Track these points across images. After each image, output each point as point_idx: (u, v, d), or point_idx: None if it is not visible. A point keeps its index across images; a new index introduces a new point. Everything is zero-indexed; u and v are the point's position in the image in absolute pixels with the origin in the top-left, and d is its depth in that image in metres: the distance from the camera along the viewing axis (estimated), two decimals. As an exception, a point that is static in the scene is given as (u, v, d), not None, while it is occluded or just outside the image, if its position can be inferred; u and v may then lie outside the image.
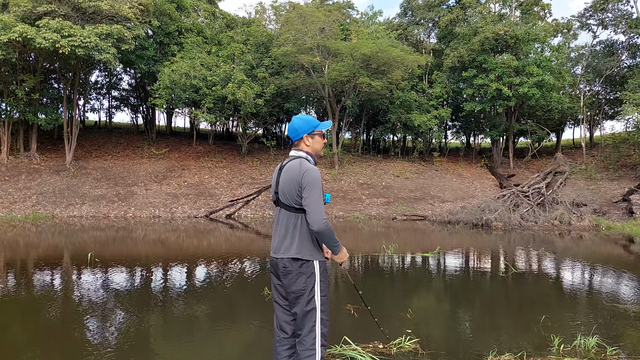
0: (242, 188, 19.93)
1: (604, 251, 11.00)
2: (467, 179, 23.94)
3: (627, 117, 21.54)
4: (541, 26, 26.02)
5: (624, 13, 27.36)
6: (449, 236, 13.61)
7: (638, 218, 15.85)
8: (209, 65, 21.82)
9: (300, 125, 2.79)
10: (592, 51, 28.98)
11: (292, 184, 2.62)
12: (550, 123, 28.74)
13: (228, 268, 8.14)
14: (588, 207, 17.73)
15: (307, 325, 2.63)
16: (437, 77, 26.49)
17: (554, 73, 24.46)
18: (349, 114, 25.34)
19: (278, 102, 24.01)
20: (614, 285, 7.20)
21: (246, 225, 15.39)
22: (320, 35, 21.33)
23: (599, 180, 21.51)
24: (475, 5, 25.95)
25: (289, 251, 2.65)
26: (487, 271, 8.33)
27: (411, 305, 5.69)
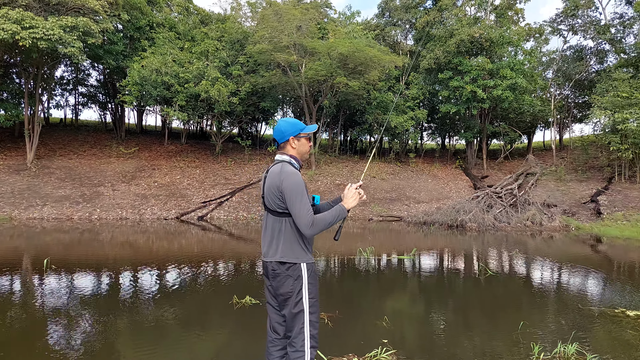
0: (215, 189, 19.43)
1: (575, 252, 11.08)
2: (442, 179, 24.05)
3: (595, 120, 22.03)
4: (515, 30, 26.44)
5: (593, 19, 28.08)
6: (425, 237, 13.52)
7: (606, 218, 16.14)
8: (182, 61, 21.21)
9: (286, 127, 2.79)
10: (563, 56, 29.65)
11: (273, 189, 2.65)
12: (522, 125, 29.27)
13: (199, 272, 7.77)
14: (558, 207, 17.98)
15: (296, 327, 2.66)
16: (414, 78, 26.56)
17: (526, 76, 24.87)
18: (326, 114, 25.12)
19: (253, 100, 23.57)
20: (588, 287, 7.17)
21: (219, 227, 14.95)
22: (297, 33, 21.02)
23: (569, 182, 21.90)
24: (452, 7, 26.14)
25: (275, 254, 2.68)
26: (464, 274, 8.20)
27: (387, 313, 5.46)
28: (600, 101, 20.34)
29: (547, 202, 18.20)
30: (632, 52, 24.36)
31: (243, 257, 9.49)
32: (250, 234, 13.57)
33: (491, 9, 26.95)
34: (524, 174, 23.06)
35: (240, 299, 5.91)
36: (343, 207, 2.76)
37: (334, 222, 2.67)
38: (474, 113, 26.82)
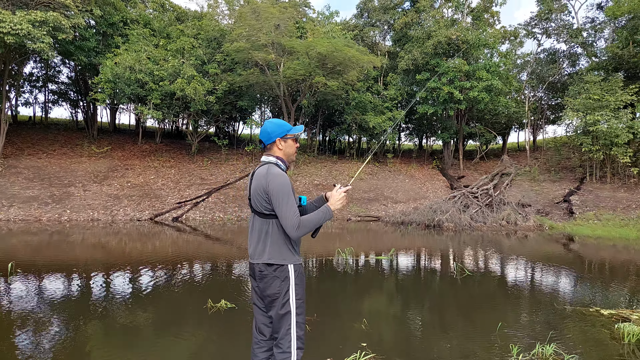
0: (191, 189, 19.06)
1: (548, 251, 11.25)
2: (419, 180, 24.22)
3: (567, 122, 22.54)
4: (490, 32, 26.83)
5: (566, 23, 28.76)
6: (402, 237, 13.54)
7: (578, 218, 16.50)
8: (157, 59, 20.74)
9: (273, 128, 2.79)
10: (537, 59, 30.28)
11: (260, 191, 2.64)
12: (497, 126, 29.79)
13: (174, 274, 7.54)
14: (532, 207, 18.30)
15: (282, 328, 2.65)
16: (392, 79, 26.68)
17: (501, 78, 25.28)
18: (304, 114, 24.98)
19: (231, 99, 23.24)
20: (563, 286, 7.24)
21: (195, 228, 14.64)
22: (275, 32, 20.81)
23: (542, 182, 22.34)
24: (429, 9, 26.35)
25: (262, 256, 2.68)
26: (441, 274, 8.20)
27: (366, 315, 5.38)
28: (572, 103, 20.81)
29: (521, 201, 18.51)
30: (603, 56, 25.03)
31: (219, 259, 9.28)
32: (226, 235, 13.33)
33: (468, 12, 27.29)
34: (499, 174, 23.43)
35: (215, 303, 5.73)
36: (329, 208, 2.73)
37: (320, 223, 2.66)
38: (451, 114, 27.12)
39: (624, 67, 22.50)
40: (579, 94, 21.19)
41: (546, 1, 28.38)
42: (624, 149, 18.54)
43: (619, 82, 19.82)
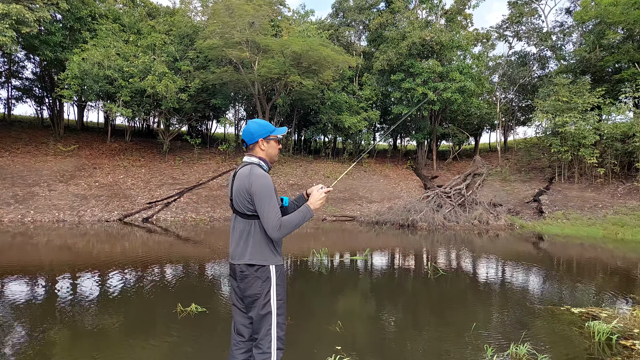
0: (162, 189, 18.59)
1: (520, 250, 11.43)
2: (393, 179, 24.35)
3: (537, 123, 23.08)
4: (463, 35, 27.23)
5: (536, 27, 29.49)
6: (377, 237, 13.53)
7: (547, 217, 16.86)
8: (126, 55, 20.15)
9: (256, 129, 2.78)
10: (508, 61, 30.93)
11: (242, 191, 2.63)
12: (470, 127, 30.28)
13: (143, 277, 7.27)
14: (503, 207, 18.62)
15: (263, 329, 2.63)
16: (367, 79, 26.75)
17: (474, 80, 25.68)
18: (279, 113, 24.77)
19: (204, 97, 22.82)
20: (534, 285, 7.33)
21: (166, 229, 14.25)
22: (250, 29, 20.53)
23: (513, 182, 22.78)
24: (404, 10, 26.53)
25: (243, 257, 2.67)
26: (416, 274, 8.18)
27: (341, 317, 5.27)
28: (542, 105, 21.29)
29: (493, 201, 18.82)
30: (571, 59, 25.76)
31: (191, 260, 9.02)
32: (198, 236, 13.03)
33: (441, 13, 27.62)
34: (472, 174, 23.78)
35: (186, 307, 5.52)
36: (309, 208, 2.73)
37: (300, 223, 2.66)
38: (425, 115, 27.39)
39: (591, 70, 23.19)
40: (549, 96, 21.71)
41: (517, 5, 29.03)
42: (591, 149, 19.08)
43: (587, 85, 20.40)
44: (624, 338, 4.59)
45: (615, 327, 4.83)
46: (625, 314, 5.40)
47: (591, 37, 23.21)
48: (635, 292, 6.88)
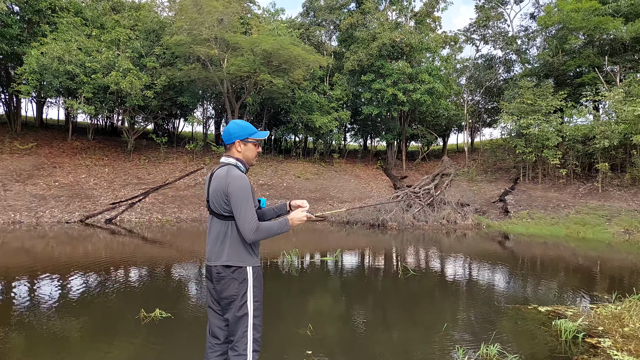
0: (126, 189, 17.98)
1: (487, 249, 11.62)
2: (364, 179, 24.43)
3: (502, 125, 23.65)
4: (432, 37, 27.62)
5: (502, 31, 30.23)
6: (347, 237, 13.49)
7: (513, 217, 17.26)
8: (89, 50, 19.37)
9: (235, 130, 2.78)
10: (475, 64, 31.59)
11: (219, 192, 2.63)
12: (438, 128, 30.77)
13: (106, 281, 6.93)
14: (471, 206, 18.95)
15: (239, 331, 2.62)
16: (338, 79, 26.75)
17: (442, 81, 26.08)
18: (249, 112, 24.41)
19: (170, 95, 22.23)
20: (502, 284, 7.42)
21: (130, 230, 13.77)
22: (219, 26, 20.12)
23: (479, 182, 23.27)
24: (374, 11, 26.66)
25: (220, 258, 2.66)
26: (386, 275, 8.15)
27: (312, 320, 5.14)
28: (507, 107, 21.82)
29: (460, 201, 19.13)
30: (535, 63, 26.54)
31: (156, 263, 8.69)
32: (165, 237, 12.64)
33: (411, 16, 27.92)
34: (440, 174, 24.14)
35: (150, 312, 5.27)
36: (287, 222, 2.76)
37: (276, 233, 2.69)
38: (395, 115, 27.63)
39: (554, 74, 23.95)
40: (514, 99, 22.26)
41: (484, 9, 29.68)
42: (554, 151, 19.67)
43: (550, 88, 21.04)
44: (590, 336, 4.66)
45: (581, 325, 4.90)
46: (589, 312, 5.49)
47: (554, 41, 23.97)
48: (597, 289, 7.05)
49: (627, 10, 21.12)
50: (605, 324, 4.99)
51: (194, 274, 7.83)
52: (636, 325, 4.86)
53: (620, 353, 4.14)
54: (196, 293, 6.57)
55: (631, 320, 5.01)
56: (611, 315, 5.28)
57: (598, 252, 11.33)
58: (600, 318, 5.21)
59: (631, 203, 16.15)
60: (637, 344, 4.37)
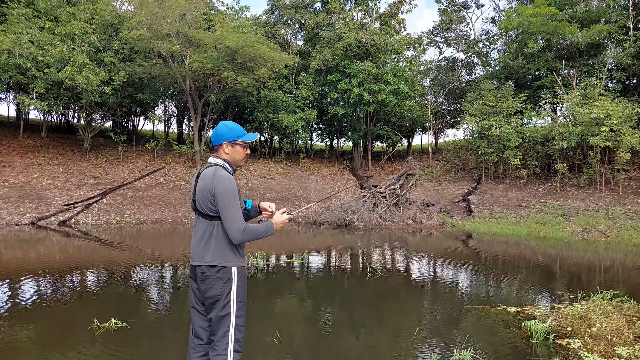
0: (83, 189, 17.12)
1: (452, 248, 11.72)
2: (330, 179, 24.34)
3: (465, 126, 24.15)
4: (397, 38, 27.86)
5: (464, 34, 30.90)
6: (314, 238, 13.31)
7: (476, 216, 17.60)
8: (42, 43, 18.34)
9: (223, 131, 2.79)
10: (438, 66, 32.14)
11: (206, 192, 2.63)
12: (403, 129, 31.14)
13: (58, 288, 6.45)
14: (435, 206, 19.20)
15: (220, 330, 2.62)
16: (304, 78, 26.54)
17: (407, 83, 26.35)
18: (213, 110, 23.82)
19: (130, 92, 21.38)
20: (470, 284, 7.42)
21: (86, 233, 13.06)
22: (181, 22, 19.49)
23: (443, 182, 23.65)
24: (340, 11, 26.63)
25: (205, 258, 2.66)
26: (355, 277, 8.01)
27: (279, 327, 4.90)
28: (470, 109, 22.26)
29: (425, 201, 19.34)
30: (496, 66, 27.24)
31: (113, 267, 8.20)
32: (123, 240, 12.06)
33: (376, 17, 28.08)
34: (405, 174, 24.29)
35: (104, 322, 4.89)
36: (272, 226, 2.82)
37: (261, 236, 2.74)
38: (361, 116, 27.71)
39: (514, 76, 24.65)
40: (476, 100, 22.74)
41: (447, 12, 30.23)
42: (514, 152, 20.20)
43: (510, 91, 21.61)
44: (560, 337, 4.65)
45: (550, 326, 4.89)
46: (557, 312, 5.52)
47: (514, 45, 24.66)
48: (561, 288, 7.16)
49: (582, 17, 22.00)
50: (573, 325, 5.00)
51: (155, 279, 7.43)
52: (603, 325, 4.90)
53: (591, 355, 4.13)
54: (156, 300, 6.19)
55: (597, 320, 5.05)
56: (578, 315, 5.31)
57: (558, 251, 11.64)
58: (568, 318, 5.23)
59: (588, 202, 16.77)
60: (606, 345, 4.38)
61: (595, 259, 10.43)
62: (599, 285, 7.06)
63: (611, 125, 16.38)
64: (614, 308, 5.61)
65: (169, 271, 8.22)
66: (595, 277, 8.20)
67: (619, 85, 20.52)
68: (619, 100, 18.15)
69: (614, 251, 11.59)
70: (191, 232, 14.04)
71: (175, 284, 7.20)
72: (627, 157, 16.46)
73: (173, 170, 20.74)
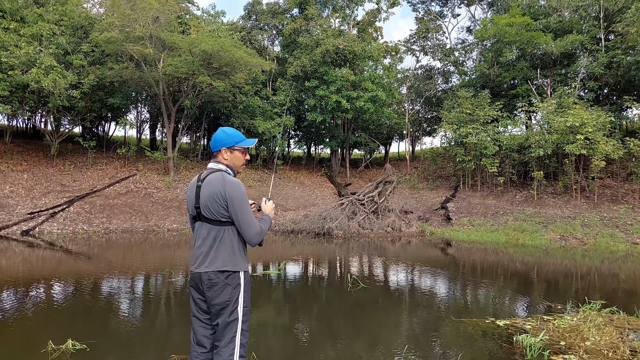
0: (48, 197, 16.28)
1: (433, 256, 11.53)
2: (308, 187, 24.00)
3: (442, 134, 24.22)
4: (375, 46, 27.88)
5: (440, 43, 31.20)
6: (292, 247, 12.92)
7: (454, 224, 17.54)
8: (6, 44, 17.47)
9: (221, 137, 2.79)
10: (415, 74, 32.33)
11: (216, 198, 2.60)
12: (380, 136, 31.11)
13: (15, 302, 5.91)
14: (414, 214, 19.08)
15: (227, 336, 2.60)
16: (281, 84, 26.22)
17: (385, 90, 26.32)
18: (187, 116, 23.20)
19: (100, 96, 20.60)
20: (454, 295, 7.17)
21: (51, 243, 12.35)
22: (154, 24, 18.92)
23: (421, 190, 23.60)
24: (317, 18, 26.48)
25: (214, 264, 2.62)
26: (335, 288, 7.66)
27: (255, 347, 4.50)
28: (447, 116, 22.32)
29: (404, 208, 19.20)
30: (472, 74, 27.52)
31: (78, 281, 7.62)
32: (91, 250, 11.41)
33: (354, 24, 28.05)
34: (383, 182, 24.23)
35: (60, 344, 4.39)
36: (270, 217, 2.87)
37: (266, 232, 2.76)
38: (339, 123, 27.55)
39: (490, 85, 24.91)
40: (453, 108, 22.83)
41: (424, 20, 30.47)
42: (491, 159, 20.30)
43: (487, 99, 21.76)
44: (554, 353, 4.40)
45: (543, 340, 4.65)
46: (547, 325, 5.29)
47: (490, 54, 24.95)
48: (547, 298, 6.99)
49: (556, 27, 22.42)
50: (566, 338, 4.78)
51: (124, 293, 6.90)
52: (597, 339, 4.68)
53: (590, 372, 3.88)
54: (124, 316, 5.68)
55: (590, 333, 4.84)
56: (569, 327, 5.10)
57: (537, 259, 11.59)
58: (560, 331, 5.01)
59: (564, 210, 16.90)
60: (603, 360, 4.15)
61: (575, 267, 10.38)
62: (586, 296, 6.91)
63: (586, 133, 16.59)
64: (604, 319, 5.43)
65: (139, 284, 7.70)
66: (578, 286, 8.09)
67: (591, 95, 20.93)
68: (592, 109, 18.46)
69: (591, 259, 11.60)
70: (163, 241, 13.49)
71: (147, 298, 6.72)
72: (601, 164, 16.68)
73: (145, 178, 20.02)
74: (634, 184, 17.67)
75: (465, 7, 31.84)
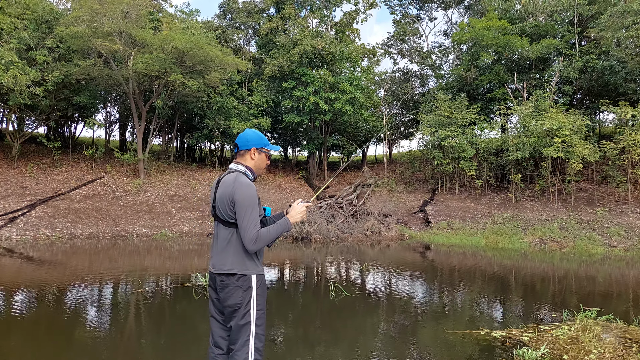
0: (8, 201, 15.25)
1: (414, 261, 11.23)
2: (285, 190, 23.49)
3: (419, 137, 24.13)
4: (352, 47, 27.64)
5: (418, 46, 31.25)
6: (269, 252, 12.38)
7: (433, 227, 17.35)
8: (-39, 37, 16.37)
9: (252, 136, 2.79)
10: (392, 77, 32.28)
11: (225, 198, 2.62)
12: (358, 139, 30.85)
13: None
14: (393, 217, 18.82)
15: (240, 340, 2.57)
16: (257, 85, 25.63)
17: (364, 92, 26.08)
18: (159, 116, 22.34)
19: (66, 94, 19.57)
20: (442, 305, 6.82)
21: (10, 249, 11.45)
22: (124, 20, 18.09)
23: (399, 193, 23.42)
24: (295, 18, 26.05)
25: (224, 266, 2.61)
26: (318, 298, 7.20)
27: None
28: (425, 119, 22.22)
29: (383, 212, 18.91)
30: (450, 77, 27.60)
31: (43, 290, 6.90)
32: (55, 257, 10.63)
33: (331, 25, 27.76)
34: (361, 185, 23.89)
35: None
36: (288, 221, 2.71)
37: (278, 236, 2.63)
38: (317, 125, 27.15)
39: (467, 88, 24.97)
40: (431, 111, 22.76)
41: (401, 23, 30.44)
42: (469, 162, 20.25)
43: (465, 102, 21.76)
44: (559, 368, 4.06)
45: (545, 354, 4.30)
46: (546, 336, 4.97)
47: (468, 57, 25.02)
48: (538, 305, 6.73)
49: (532, 31, 22.65)
50: (568, 351, 4.44)
51: (89, 303, 6.24)
52: (600, 351, 4.37)
53: (603, 392, 3.54)
54: (87, 331, 5.05)
55: (592, 345, 4.53)
56: (569, 339, 4.78)
57: (512, 261, 11.45)
58: (560, 343, 4.68)
59: (542, 213, 16.92)
60: (613, 377, 3.82)
61: (555, 271, 10.23)
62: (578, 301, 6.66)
63: (563, 136, 16.67)
64: (602, 329, 5.16)
65: (106, 294, 7.05)
66: (565, 291, 7.87)
67: (567, 99, 21.18)
68: (569, 112, 18.63)
69: (571, 262, 11.51)
70: (132, 247, 12.75)
71: (115, 308, 6.11)
72: (578, 167, 16.79)
73: (113, 180, 19.10)
74: (609, 187, 17.88)
75: (442, 10, 32.07)
